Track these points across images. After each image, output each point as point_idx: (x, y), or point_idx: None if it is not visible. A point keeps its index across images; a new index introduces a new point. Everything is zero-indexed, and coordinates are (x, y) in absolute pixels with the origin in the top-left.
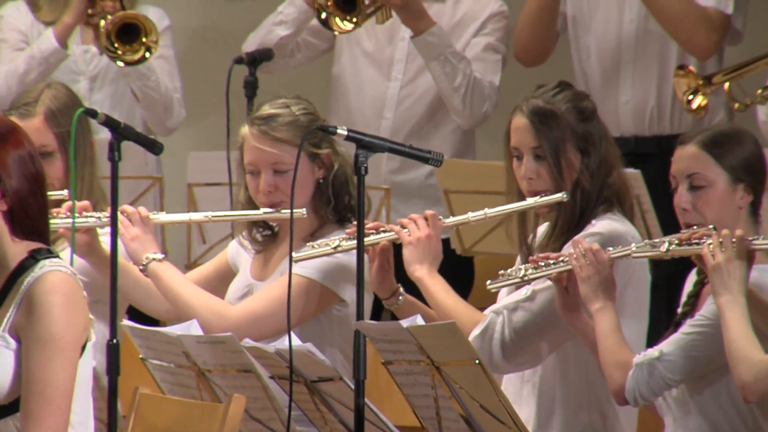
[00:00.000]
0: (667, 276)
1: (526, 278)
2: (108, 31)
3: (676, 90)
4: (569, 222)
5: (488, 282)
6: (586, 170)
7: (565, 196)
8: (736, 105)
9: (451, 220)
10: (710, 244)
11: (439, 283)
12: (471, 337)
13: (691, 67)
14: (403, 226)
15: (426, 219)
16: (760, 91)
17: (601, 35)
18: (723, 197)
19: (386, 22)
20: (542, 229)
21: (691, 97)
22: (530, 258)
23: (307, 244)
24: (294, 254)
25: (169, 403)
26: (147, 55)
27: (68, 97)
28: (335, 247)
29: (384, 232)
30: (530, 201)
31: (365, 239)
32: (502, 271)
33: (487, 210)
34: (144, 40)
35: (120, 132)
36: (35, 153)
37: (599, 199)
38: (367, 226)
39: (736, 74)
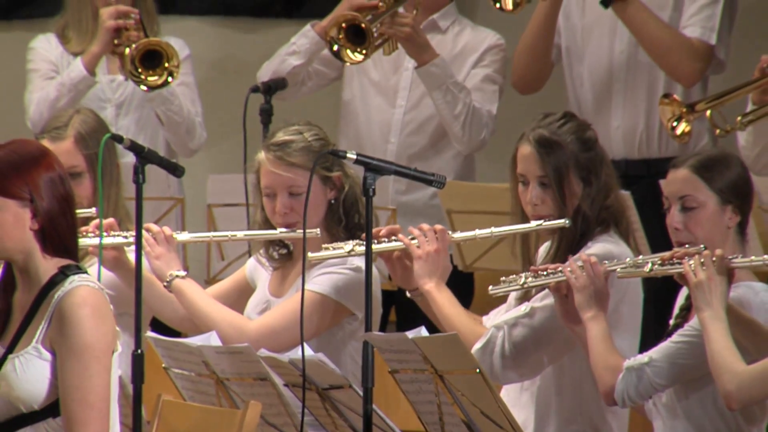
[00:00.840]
0: (656, 291)
1: (525, 285)
2: (133, 57)
3: (661, 117)
4: (570, 244)
5: (490, 287)
6: (587, 197)
7: (567, 222)
8: (717, 131)
9: (459, 235)
10: (692, 263)
11: (446, 297)
12: (473, 350)
13: (675, 96)
14: (414, 237)
15: (435, 232)
16: (739, 118)
17: (593, 65)
18: (713, 218)
19: (392, 54)
20: (543, 248)
21: (675, 123)
22: (530, 267)
23: (323, 246)
24: (310, 254)
25: (190, 409)
26: (169, 79)
27: (96, 121)
28: (349, 251)
29: (396, 240)
30: (534, 224)
31: (377, 246)
32: (503, 278)
33: (493, 228)
34: (166, 65)
35: (144, 156)
36: (65, 175)
37: (596, 221)
38: (381, 232)
39: (717, 102)
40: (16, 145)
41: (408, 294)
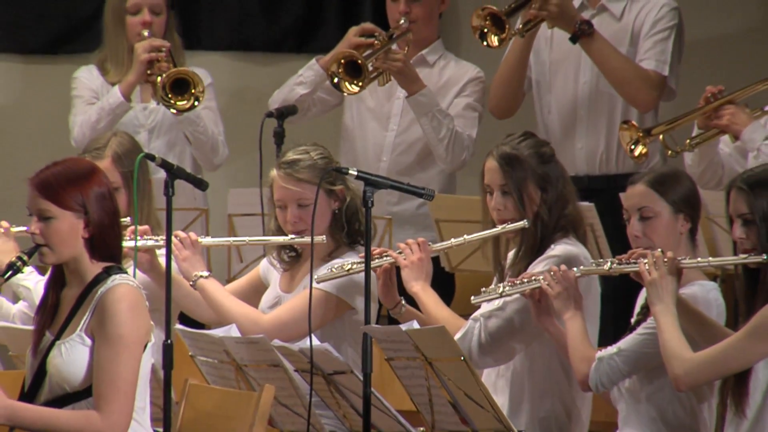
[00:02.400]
0: (616, 290)
1: (504, 294)
2: (164, 84)
3: (621, 141)
4: (532, 246)
5: (472, 297)
6: (545, 204)
7: (526, 223)
8: (669, 152)
9: (437, 245)
10: (646, 263)
11: (431, 296)
12: (454, 338)
13: (633, 122)
14: (401, 251)
15: (418, 245)
16: (688, 141)
17: (559, 95)
18: (667, 226)
19: (386, 84)
20: (511, 253)
21: (633, 146)
22: (509, 279)
23: (326, 265)
24: (316, 276)
25: (213, 391)
26: (196, 103)
27: (131, 143)
28: (348, 270)
29: (386, 257)
30: (499, 228)
31: (373, 262)
32: (483, 289)
33: (465, 236)
34: (193, 91)
35: (173, 172)
36: (112, 191)
37: (557, 228)
38: (373, 252)
39: (669, 127)
40: (71, 162)
41: (390, 312)
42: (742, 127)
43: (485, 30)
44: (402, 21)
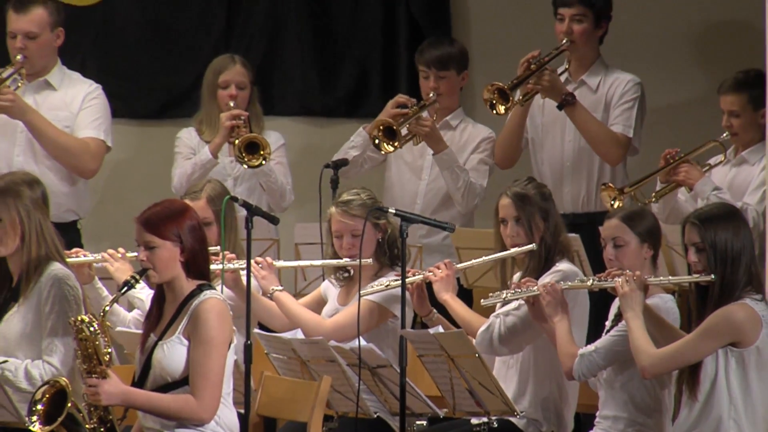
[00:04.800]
0: (595, 303)
1: (506, 298)
2: (239, 147)
3: (602, 199)
4: (537, 265)
5: (482, 300)
6: (547, 231)
7: (534, 246)
8: (639, 204)
9: (461, 265)
10: (620, 280)
11: (458, 303)
12: (479, 331)
13: (611, 184)
14: (431, 271)
15: (446, 264)
16: (653, 194)
17: (550, 150)
18: (635, 252)
19: (418, 144)
20: (516, 276)
21: (612, 202)
22: (513, 283)
23: (371, 283)
24: (363, 291)
25: (283, 381)
26: (263, 162)
27: (221, 188)
28: (386, 285)
29: (419, 275)
30: (513, 251)
31: (407, 279)
32: (491, 294)
33: (484, 257)
34: (262, 152)
35: (252, 211)
36: (201, 224)
37: (556, 250)
38: (409, 272)
39: (637, 186)
40: (168, 202)
41: (423, 319)
42: (695, 181)
43: (494, 101)
44: (431, 94)
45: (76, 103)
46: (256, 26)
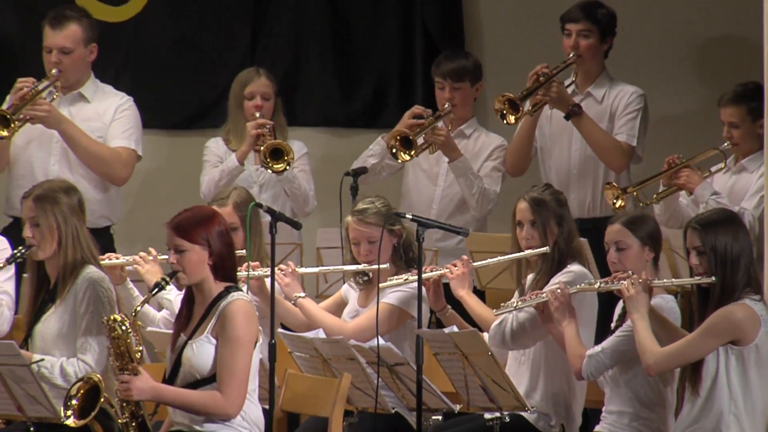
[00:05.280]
0: (602, 305)
1: (517, 307)
2: (264, 152)
3: (605, 197)
4: (550, 267)
5: (494, 310)
6: (561, 235)
7: (548, 249)
8: (641, 204)
9: (477, 263)
10: (626, 282)
11: (474, 299)
12: (492, 326)
13: (614, 183)
14: (448, 269)
15: (462, 262)
16: (654, 195)
17: (557, 159)
18: (637, 255)
19: (434, 153)
20: (530, 276)
21: (615, 201)
22: (521, 297)
23: (388, 278)
24: (381, 285)
25: (306, 378)
26: (287, 167)
27: (246, 195)
28: (405, 279)
29: (437, 271)
30: (527, 252)
31: (425, 274)
32: (503, 304)
33: (500, 257)
34: (286, 158)
35: (276, 216)
36: (229, 229)
37: (568, 254)
38: (427, 268)
39: (639, 187)
40: (198, 208)
41: (437, 314)
42: (694, 185)
43: (504, 111)
44: (446, 105)
45: (108, 115)
46: (280, 41)
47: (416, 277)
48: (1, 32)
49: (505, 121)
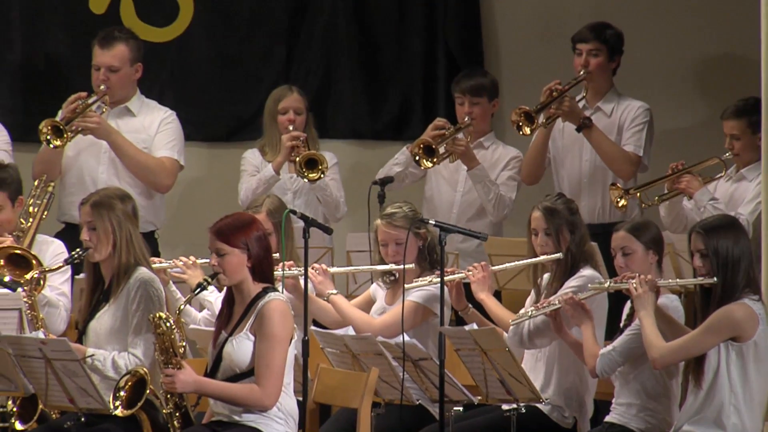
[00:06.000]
0: (612, 303)
1: (531, 315)
2: (299, 163)
3: (610, 196)
4: (564, 271)
5: (511, 320)
6: (573, 242)
7: (561, 255)
8: (644, 205)
9: (496, 267)
10: (634, 283)
11: (493, 301)
12: (510, 329)
13: (618, 184)
14: (470, 270)
15: (482, 266)
16: (657, 198)
17: (569, 169)
18: (642, 259)
19: (454, 162)
20: (545, 277)
21: (618, 200)
22: (535, 305)
23: (414, 279)
24: (407, 285)
25: (336, 372)
26: (321, 175)
27: (280, 202)
28: (429, 281)
29: (459, 273)
30: (542, 258)
31: (448, 276)
32: (519, 313)
33: (517, 262)
34: (320, 167)
35: (309, 222)
36: (266, 234)
37: (580, 259)
38: (449, 271)
39: (643, 189)
40: (237, 215)
41: (460, 313)
42: (694, 190)
43: (520, 123)
44: (466, 118)
45: (153, 127)
46: (312, 60)
47: (437, 279)
48: (54, 51)
49: (521, 132)
